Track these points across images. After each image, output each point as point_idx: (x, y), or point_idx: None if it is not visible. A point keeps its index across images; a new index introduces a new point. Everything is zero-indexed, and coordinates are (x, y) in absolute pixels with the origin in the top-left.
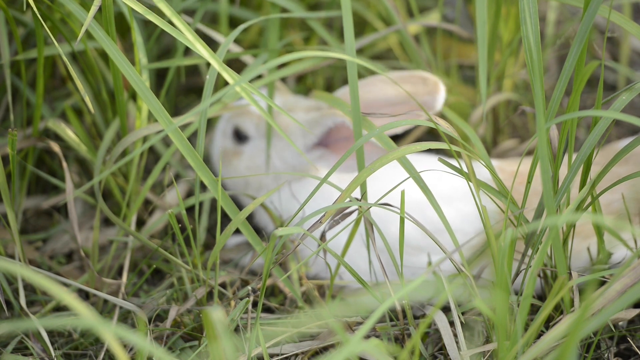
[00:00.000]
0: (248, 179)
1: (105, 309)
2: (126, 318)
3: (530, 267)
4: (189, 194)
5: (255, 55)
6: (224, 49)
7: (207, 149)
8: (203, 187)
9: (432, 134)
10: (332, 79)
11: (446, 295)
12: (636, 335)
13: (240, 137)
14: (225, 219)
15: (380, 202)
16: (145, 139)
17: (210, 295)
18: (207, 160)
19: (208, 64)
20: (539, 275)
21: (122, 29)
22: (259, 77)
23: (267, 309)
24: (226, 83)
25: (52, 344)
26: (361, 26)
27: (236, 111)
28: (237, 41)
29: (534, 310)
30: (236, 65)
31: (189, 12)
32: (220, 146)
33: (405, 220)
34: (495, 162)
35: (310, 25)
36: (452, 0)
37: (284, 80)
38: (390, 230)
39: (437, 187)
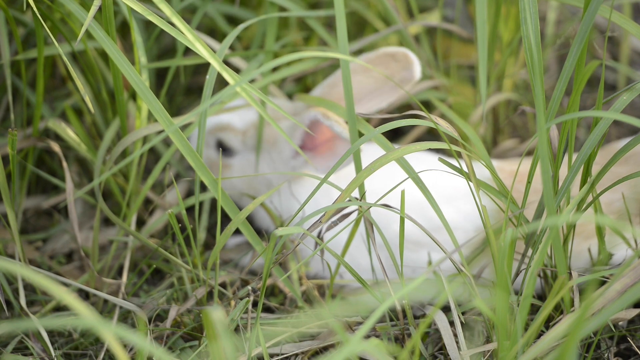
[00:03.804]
0: (242, 189)
1: (105, 309)
2: (126, 318)
3: (530, 267)
4: (189, 193)
5: (249, 56)
6: (224, 48)
7: None
8: (203, 187)
9: (432, 134)
10: None
11: (446, 295)
12: (636, 335)
13: (224, 148)
14: (225, 219)
15: (381, 201)
16: (145, 139)
17: (210, 295)
18: None
19: (208, 64)
20: (539, 275)
21: (122, 29)
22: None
23: (267, 309)
24: (224, 82)
25: (52, 344)
26: (361, 26)
27: (218, 125)
28: (235, 42)
29: (534, 310)
30: (231, 67)
31: (189, 13)
32: (205, 155)
33: (406, 218)
34: (495, 163)
35: (310, 25)
36: (452, 0)
37: (282, 82)
38: (390, 228)
39: (439, 186)
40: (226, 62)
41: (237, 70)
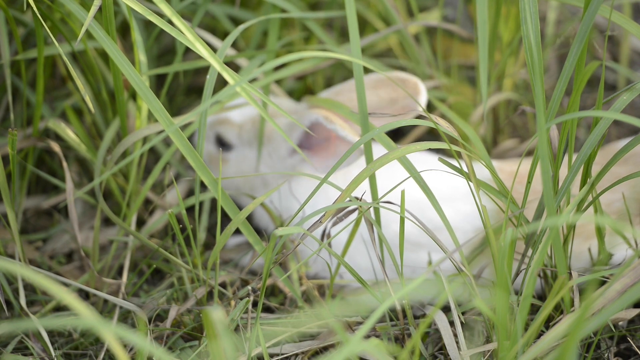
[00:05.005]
0: (239, 185)
1: (105, 309)
2: (126, 318)
3: (530, 267)
4: (189, 193)
5: (252, 56)
6: (224, 49)
7: None
8: (203, 187)
9: (432, 134)
10: (332, 78)
11: (446, 295)
12: (636, 335)
13: (222, 143)
14: (225, 219)
15: (381, 201)
16: (145, 138)
17: (210, 295)
18: None
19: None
20: (539, 275)
21: (122, 29)
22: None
23: (267, 309)
24: (225, 82)
25: (52, 344)
26: (361, 26)
27: (217, 119)
28: (235, 40)
29: (534, 310)
30: (233, 65)
31: (190, 13)
32: (205, 150)
33: (405, 218)
34: (495, 163)
35: (308, 26)
36: (452, 0)
37: (282, 80)
38: (390, 228)
39: (438, 187)
40: (228, 62)
41: (239, 68)
